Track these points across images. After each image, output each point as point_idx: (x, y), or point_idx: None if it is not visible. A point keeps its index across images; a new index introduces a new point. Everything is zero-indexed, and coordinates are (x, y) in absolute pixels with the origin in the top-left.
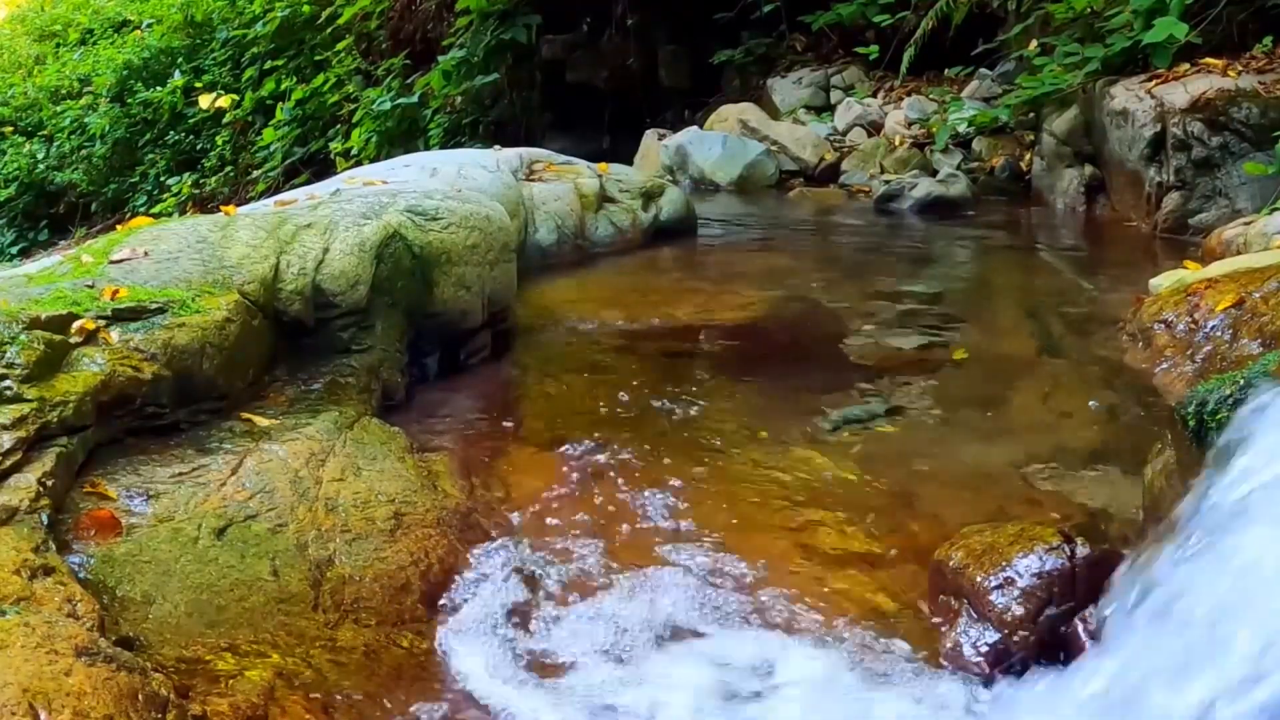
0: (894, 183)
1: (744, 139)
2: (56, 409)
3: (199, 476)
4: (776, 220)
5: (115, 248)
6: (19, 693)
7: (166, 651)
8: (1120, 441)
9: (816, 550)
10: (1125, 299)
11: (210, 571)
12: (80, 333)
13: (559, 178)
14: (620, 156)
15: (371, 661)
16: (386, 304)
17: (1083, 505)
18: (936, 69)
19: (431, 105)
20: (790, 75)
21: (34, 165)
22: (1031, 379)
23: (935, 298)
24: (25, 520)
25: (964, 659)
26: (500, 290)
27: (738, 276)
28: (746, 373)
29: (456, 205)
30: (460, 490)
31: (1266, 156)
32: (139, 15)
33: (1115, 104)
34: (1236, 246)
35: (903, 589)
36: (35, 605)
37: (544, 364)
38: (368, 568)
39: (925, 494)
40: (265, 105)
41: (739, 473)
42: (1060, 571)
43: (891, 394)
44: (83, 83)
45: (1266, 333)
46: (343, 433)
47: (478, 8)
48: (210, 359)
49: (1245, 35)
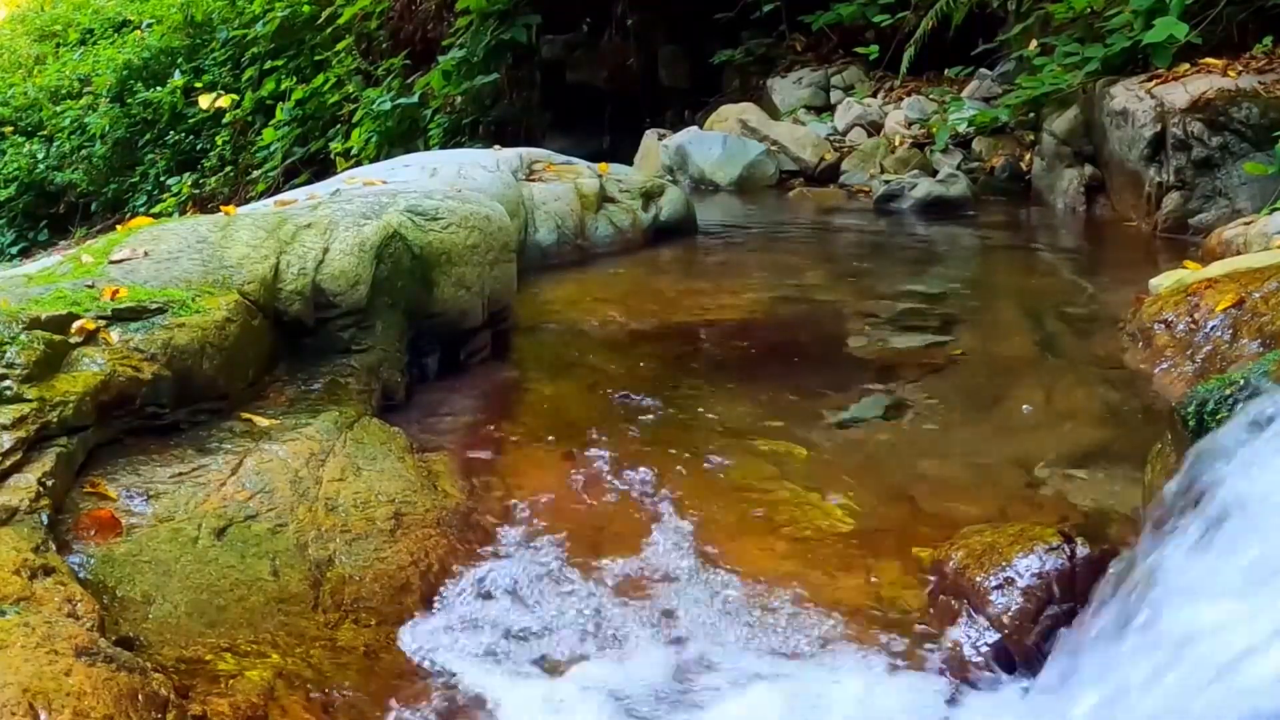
0: (894, 183)
1: (744, 139)
2: (56, 409)
3: (199, 476)
4: (776, 220)
5: (115, 248)
6: (19, 693)
7: (166, 651)
8: (1120, 441)
9: (816, 549)
10: (1125, 299)
11: (210, 571)
12: (80, 333)
13: (559, 178)
14: (620, 156)
15: (371, 661)
16: (386, 304)
17: (1083, 505)
18: (936, 69)
19: (431, 105)
20: (790, 75)
21: (34, 165)
22: (1032, 379)
23: (935, 298)
24: (25, 520)
25: (964, 659)
26: (500, 290)
27: (738, 276)
28: (746, 372)
29: (456, 205)
30: (460, 490)
31: (1266, 156)
32: (139, 15)
33: (1115, 104)
34: (1236, 246)
35: (903, 589)
36: (35, 605)
37: (544, 364)
38: (368, 568)
39: (925, 494)
40: (265, 105)
41: (739, 472)
42: (1060, 571)
43: (892, 394)
44: (83, 83)
45: (1266, 333)
46: (343, 433)
47: (478, 8)
48: (210, 359)
49: (1245, 35)
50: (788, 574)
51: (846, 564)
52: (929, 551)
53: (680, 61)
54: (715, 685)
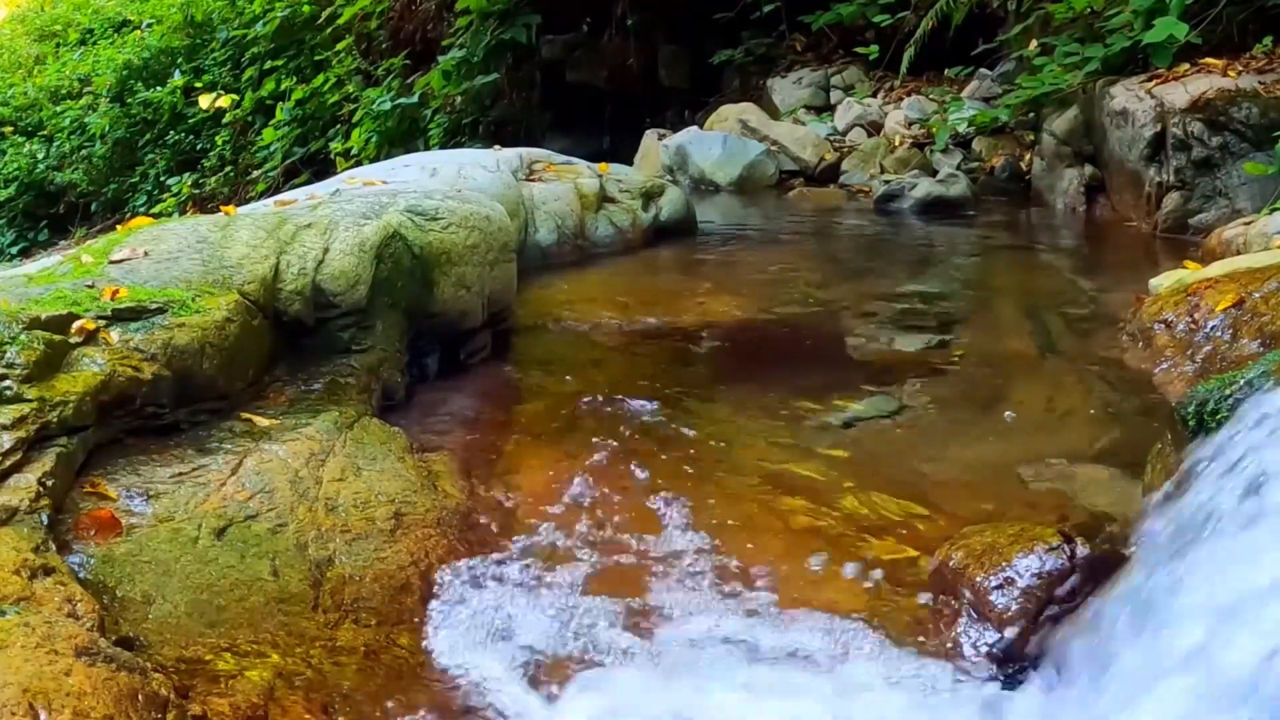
0: (894, 183)
1: (744, 139)
2: (56, 409)
3: (199, 476)
4: (776, 220)
5: (115, 248)
6: (19, 693)
7: (166, 651)
8: (1120, 441)
9: (816, 549)
10: (1125, 299)
11: (210, 571)
12: (80, 333)
13: (559, 178)
14: (620, 156)
15: (371, 661)
16: (386, 304)
17: (1083, 505)
18: (936, 69)
19: (431, 105)
20: (790, 75)
21: (34, 165)
22: (1032, 379)
23: (935, 298)
24: (25, 520)
25: (964, 659)
26: (500, 290)
27: (738, 276)
28: (747, 372)
29: (456, 205)
30: (460, 490)
31: (1266, 156)
32: (139, 15)
33: (1115, 104)
34: (1236, 246)
35: (903, 589)
36: (35, 605)
37: (544, 364)
38: (368, 568)
39: (925, 493)
40: (265, 105)
41: (739, 472)
42: (1060, 571)
43: (891, 394)
44: (83, 83)
45: (1266, 333)
46: (343, 433)
47: (478, 8)
48: (210, 359)
49: (1245, 35)
50: (788, 573)
51: (846, 563)
52: (929, 551)
53: (680, 61)
54: (715, 685)
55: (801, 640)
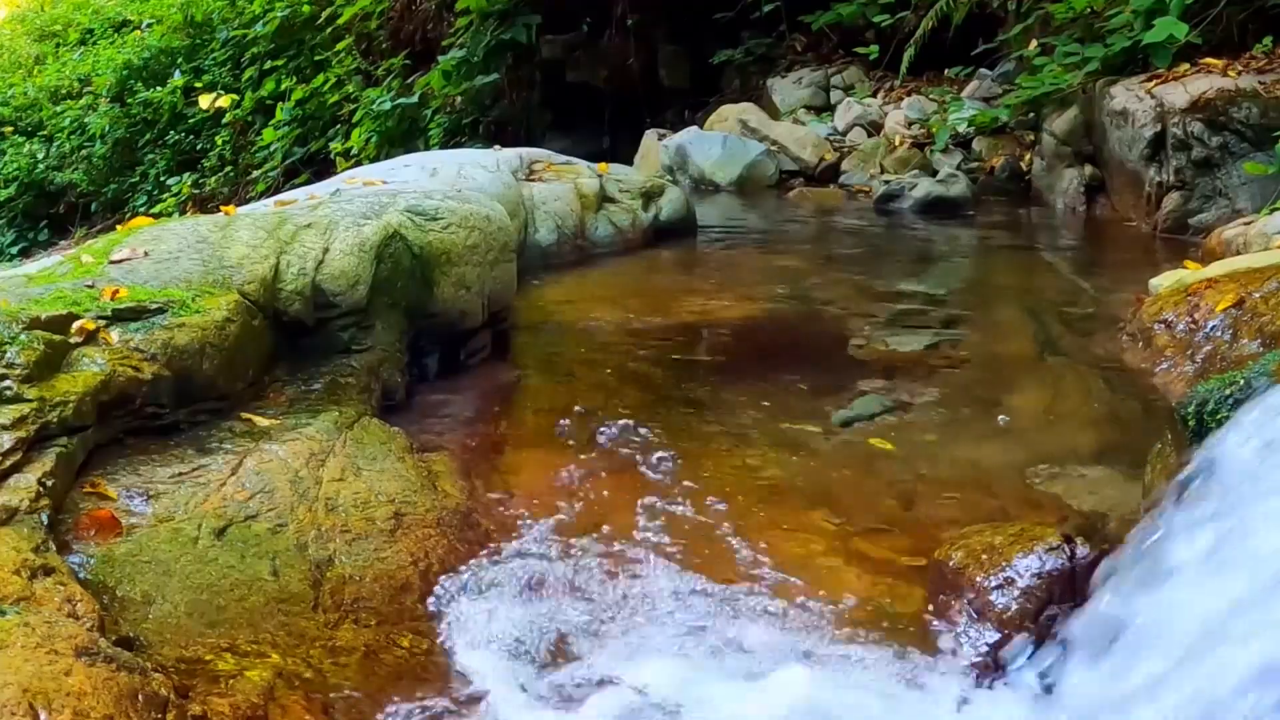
0: (894, 183)
1: (744, 139)
2: (56, 409)
3: (199, 476)
4: (776, 220)
5: (115, 248)
6: (19, 693)
7: (166, 651)
8: (1120, 441)
9: (816, 548)
10: (1125, 299)
11: (210, 571)
12: (80, 333)
13: (559, 178)
14: (620, 156)
15: (371, 661)
16: (386, 304)
17: (1083, 505)
18: (936, 69)
19: (431, 105)
20: (790, 75)
21: (34, 165)
22: (1032, 379)
23: (935, 298)
24: (25, 520)
25: (964, 659)
26: (500, 290)
27: (738, 276)
28: (747, 372)
29: (456, 205)
30: (460, 490)
31: (1266, 156)
32: (139, 15)
33: (1115, 104)
34: (1236, 246)
35: (903, 588)
36: (35, 605)
37: (544, 364)
38: (368, 568)
39: (926, 493)
40: (265, 105)
41: (739, 471)
42: (1060, 571)
43: (891, 393)
44: (83, 83)
45: (1266, 333)
46: (343, 433)
47: (478, 8)
48: (210, 359)
49: (1245, 35)
50: (787, 573)
51: (845, 563)
52: (929, 551)
53: (680, 61)
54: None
55: (801, 639)
